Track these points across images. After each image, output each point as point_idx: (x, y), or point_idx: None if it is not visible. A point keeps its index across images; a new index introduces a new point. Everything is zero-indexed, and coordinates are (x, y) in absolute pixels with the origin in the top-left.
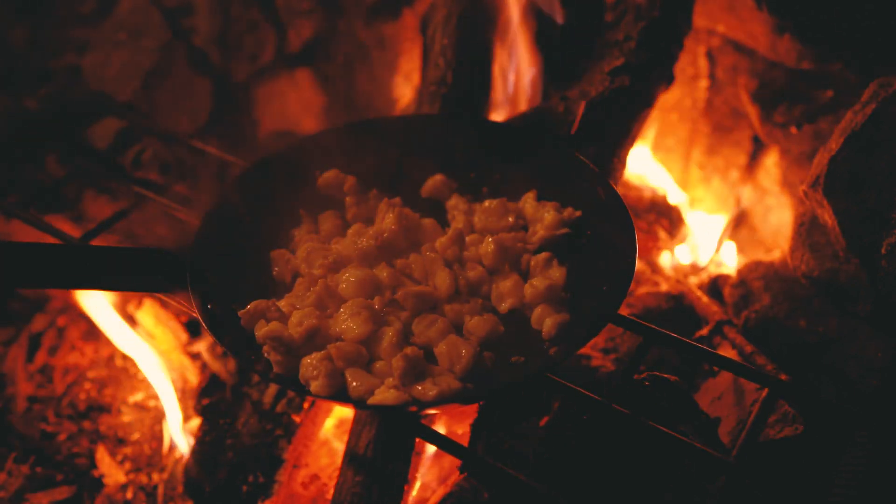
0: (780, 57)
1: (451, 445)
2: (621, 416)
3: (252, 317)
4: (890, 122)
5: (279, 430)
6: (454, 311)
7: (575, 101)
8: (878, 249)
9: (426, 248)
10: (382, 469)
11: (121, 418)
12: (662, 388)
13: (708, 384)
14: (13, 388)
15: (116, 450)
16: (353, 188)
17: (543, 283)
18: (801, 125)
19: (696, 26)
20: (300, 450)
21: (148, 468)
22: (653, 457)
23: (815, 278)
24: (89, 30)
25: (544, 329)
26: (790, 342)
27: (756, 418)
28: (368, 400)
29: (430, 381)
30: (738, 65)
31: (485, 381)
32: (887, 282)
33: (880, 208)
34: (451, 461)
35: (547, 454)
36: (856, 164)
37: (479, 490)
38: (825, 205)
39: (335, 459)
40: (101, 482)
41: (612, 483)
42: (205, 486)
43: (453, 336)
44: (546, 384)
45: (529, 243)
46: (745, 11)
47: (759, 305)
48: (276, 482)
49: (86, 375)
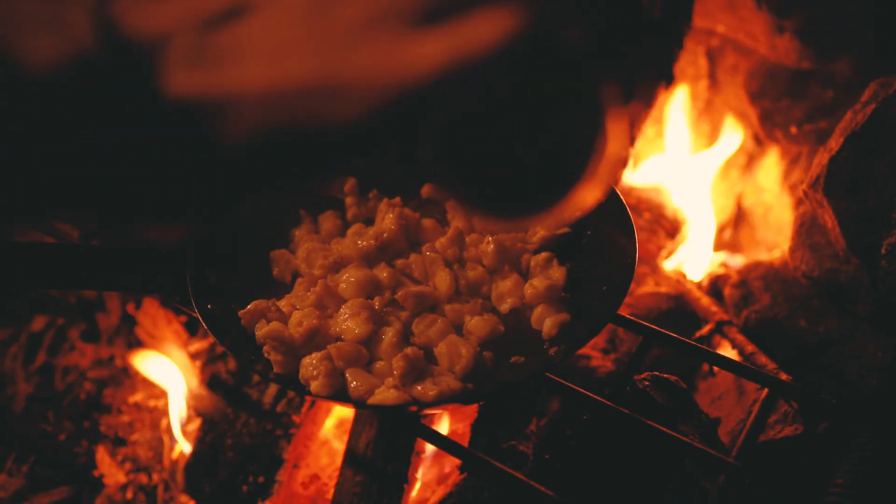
0: (780, 57)
1: (451, 445)
2: (621, 416)
3: (252, 317)
4: (890, 122)
5: (279, 430)
6: (454, 311)
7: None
8: (878, 249)
9: (426, 248)
10: (382, 469)
11: (121, 418)
12: (662, 388)
13: (708, 384)
14: (13, 387)
15: (116, 450)
16: (353, 188)
17: (543, 284)
18: (801, 125)
19: (696, 26)
20: (300, 450)
21: (148, 468)
22: (653, 457)
23: (815, 278)
24: None
25: (544, 329)
26: (790, 342)
27: (756, 418)
28: (368, 400)
29: (430, 381)
30: (738, 65)
31: (485, 381)
32: (887, 282)
33: (880, 208)
34: (451, 461)
35: (547, 454)
36: (856, 164)
37: (479, 490)
38: (825, 205)
39: (335, 459)
40: (101, 482)
41: (611, 483)
42: (205, 486)
43: (453, 336)
44: (546, 384)
45: (529, 243)
46: (745, 11)
47: (759, 305)
48: (276, 482)
49: (86, 375)
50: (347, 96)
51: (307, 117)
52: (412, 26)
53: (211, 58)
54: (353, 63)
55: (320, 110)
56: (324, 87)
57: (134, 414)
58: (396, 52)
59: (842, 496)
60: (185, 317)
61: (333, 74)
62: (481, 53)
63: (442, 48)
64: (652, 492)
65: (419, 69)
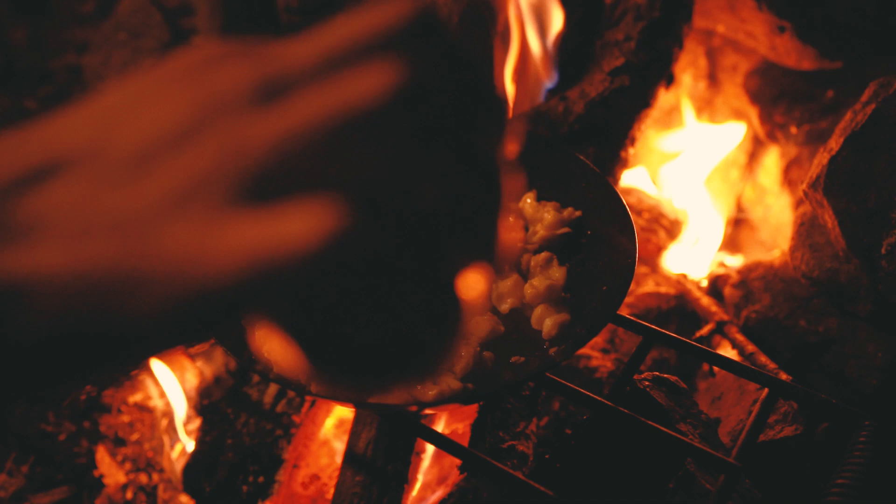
0: (780, 57)
1: (451, 445)
2: (621, 416)
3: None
4: (890, 122)
5: (279, 430)
6: None
7: (575, 101)
8: (878, 249)
9: None
10: (382, 469)
11: (121, 418)
12: (662, 388)
13: (708, 384)
14: None
15: (116, 450)
16: None
17: (543, 284)
18: (801, 125)
19: (696, 26)
20: (300, 450)
21: (148, 468)
22: (653, 457)
23: (815, 278)
24: (89, 30)
25: (544, 329)
26: (790, 342)
27: (756, 418)
28: (368, 400)
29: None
30: (738, 65)
31: (485, 381)
32: (887, 282)
33: (880, 208)
34: (451, 461)
35: (547, 454)
36: (856, 164)
37: (479, 490)
38: (825, 205)
39: (335, 459)
40: (101, 482)
41: (612, 483)
42: (205, 486)
43: None
44: (546, 384)
45: (529, 243)
46: (745, 11)
47: (759, 305)
48: (276, 482)
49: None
50: (149, 288)
51: (107, 310)
52: (234, 205)
53: (6, 232)
54: (157, 248)
55: (120, 303)
56: (124, 275)
57: (134, 414)
58: (207, 238)
59: (842, 496)
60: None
61: (135, 261)
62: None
63: (258, 237)
64: (652, 492)
65: (228, 262)
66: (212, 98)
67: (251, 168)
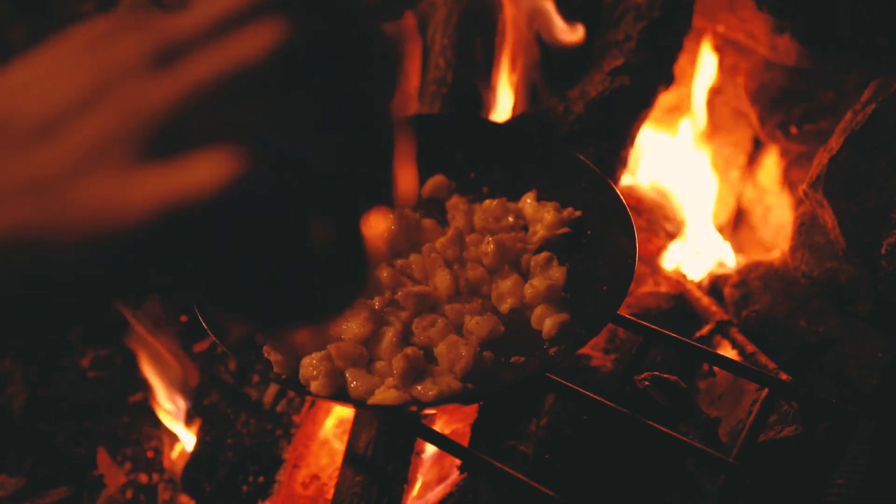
0: (780, 57)
1: (451, 445)
2: (621, 416)
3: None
4: (890, 122)
5: (279, 430)
6: (454, 311)
7: (575, 101)
8: (878, 249)
9: (426, 248)
10: (382, 469)
11: (121, 418)
12: (662, 388)
13: (708, 384)
14: (13, 387)
15: (116, 450)
16: None
17: (543, 284)
18: (801, 125)
19: (696, 26)
20: (300, 450)
21: (148, 468)
22: (653, 457)
23: (815, 278)
24: None
25: (544, 329)
26: (790, 342)
27: (756, 418)
28: (368, 400)
29: (430, 381)
30: (738, 65)
31: (485, 381)
32: (887, 282)
33: (880, 208)
34: (451, 461)
35: (547, 454)
36: (856, 164)
37: (479, 490)
38: (825, 205)
39: (335, 459)
40: (102, 482)
41: (612, 483)
42: (205, 486)
43: (453, 336)
44: (546, 384)
45: (529, 243)
46: (745, 11)
47: (759, 305)
48: (276, 482)
49: (86, 375)
50: (68, 242)
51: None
52: (140, 160)
53: None
54: (70, 205)
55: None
56: (42, 232)
57: (134, 414)
58: (118, 191)
59: (842, 496)
60: (185, 317)
61: (50, 218)
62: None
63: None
64: (652, 492)
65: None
66: (109, 67)
67: (151, 126)
